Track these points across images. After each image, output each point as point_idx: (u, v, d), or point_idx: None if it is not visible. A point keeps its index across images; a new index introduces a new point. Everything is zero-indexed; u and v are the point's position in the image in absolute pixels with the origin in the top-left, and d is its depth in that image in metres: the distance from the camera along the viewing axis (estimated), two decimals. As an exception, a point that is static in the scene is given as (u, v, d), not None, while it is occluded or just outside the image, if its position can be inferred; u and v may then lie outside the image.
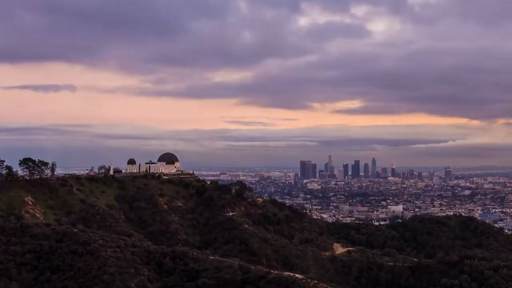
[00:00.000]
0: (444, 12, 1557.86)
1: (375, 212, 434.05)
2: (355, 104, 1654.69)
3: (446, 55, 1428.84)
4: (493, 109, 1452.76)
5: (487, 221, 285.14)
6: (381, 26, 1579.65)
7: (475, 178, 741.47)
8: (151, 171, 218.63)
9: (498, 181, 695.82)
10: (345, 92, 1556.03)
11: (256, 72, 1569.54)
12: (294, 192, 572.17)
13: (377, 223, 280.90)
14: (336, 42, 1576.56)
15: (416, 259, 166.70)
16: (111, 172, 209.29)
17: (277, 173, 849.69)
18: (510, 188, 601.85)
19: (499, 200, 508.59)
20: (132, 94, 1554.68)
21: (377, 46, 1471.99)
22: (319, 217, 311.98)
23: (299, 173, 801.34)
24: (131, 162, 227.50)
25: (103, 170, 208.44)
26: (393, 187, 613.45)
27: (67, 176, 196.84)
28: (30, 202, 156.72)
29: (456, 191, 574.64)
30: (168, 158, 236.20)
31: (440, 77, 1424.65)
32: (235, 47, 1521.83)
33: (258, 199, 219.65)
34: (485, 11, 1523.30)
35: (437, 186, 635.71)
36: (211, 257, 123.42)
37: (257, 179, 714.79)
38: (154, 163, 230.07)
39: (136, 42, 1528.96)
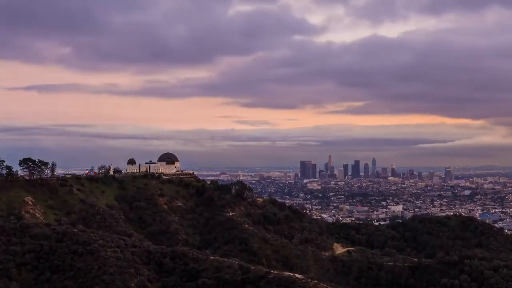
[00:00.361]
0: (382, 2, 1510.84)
1: (375, 212, 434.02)
2: (344, 105, 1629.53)
3: (401, 49, 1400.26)
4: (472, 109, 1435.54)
5: (487, 221, 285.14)
6: (318, 18, 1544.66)
7: (475, 178, 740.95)
8: (151, 171, 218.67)
9: (498, 181, 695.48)
10: (322, 91, 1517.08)
11: (214, 70, 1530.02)
12: (294, 192, 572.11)
13: (377, 223, 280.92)
14: (280, 35, 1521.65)
15: (416, 259, 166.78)
16: (111, 172, 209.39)
17: (277, 173, 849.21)
18: (510, 188, 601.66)
19: (499, 200, 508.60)
20: (92, 92, 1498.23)
21: (326, 40, 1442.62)
22: (319, 217, 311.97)
23: (299, 173, 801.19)
24: (131, 162, 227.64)
25: (103, 170, 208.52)
26: (393, 187, 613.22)
27: (67, 176, 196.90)
28: (30, 202, 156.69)
29: (456, 191, 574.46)
30: (168, 158, 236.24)
31: (410, 74, 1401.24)
32: (177, 43, 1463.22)
33: (258, 199, 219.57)
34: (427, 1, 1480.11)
35: (437, 186, 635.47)
36: (211, 257, 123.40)
37: (257, 179, 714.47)
38: (154, 163, 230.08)
39: (67, 39, 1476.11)
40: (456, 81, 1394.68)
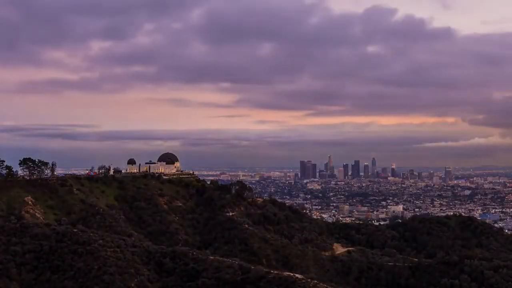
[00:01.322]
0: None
1: (375, 212, 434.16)
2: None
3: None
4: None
5: (487, 221, 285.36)
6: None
7: (475, 178, 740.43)
8: (151, 171, 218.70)
9: (498, 181, 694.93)
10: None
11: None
12: (294, 192, 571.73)
13: (377, 223, 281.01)
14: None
15: (416, 259, 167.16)
16: (111, 172, 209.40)
17: (277, 173, 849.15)
18: (510, 188, 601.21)
19: (499, 200, 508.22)
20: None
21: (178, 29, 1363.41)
22: (319, 217, 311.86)
23: (299, 173, 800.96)
24: (131, 162, 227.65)
25: (103, 170, 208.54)
26: (393, 187, 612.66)
27: (67, 176, 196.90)
28: (30, 202, 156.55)
29: (456, 191, 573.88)
30: (168, 158, 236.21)
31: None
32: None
33: (258, 199, 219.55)
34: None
35: (437, 186, 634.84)
36: (211, 257, 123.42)
37: (257, 179, 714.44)
38: (154, 163, 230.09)
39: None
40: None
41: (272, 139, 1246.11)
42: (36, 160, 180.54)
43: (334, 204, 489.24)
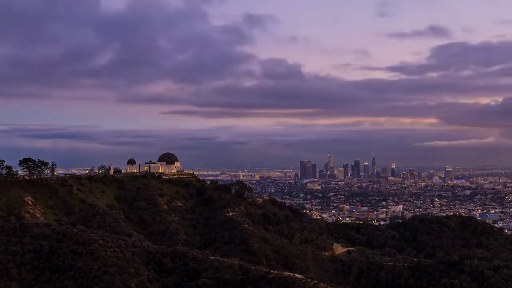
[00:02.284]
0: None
1: (375, 212, 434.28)
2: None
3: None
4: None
5: (487, 221, 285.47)
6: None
7: (475, 178, 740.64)
8: (151, 171, 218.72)
9: (498, 181, 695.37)
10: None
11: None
12: (294, 192, 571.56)
13: (377, 223, 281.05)
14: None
15: (416, 259, 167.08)
16: (111, 172, 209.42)
17: (277, 173, 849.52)
18: (510, 188, 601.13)
19: (499, 200, 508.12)
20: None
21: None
22: (319, 217, 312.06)
23: (299, 173, 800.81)
24: (131, 162, 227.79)
25: (103, 170, 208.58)
26: (393, 187, 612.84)
27: (67, 176, 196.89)
28: (30, 202, 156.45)
29: (456, 191, 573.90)
30: (168, 158, 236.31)
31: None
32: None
33: (258, 199, 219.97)
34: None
35: (437, 186, 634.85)
36: (211, 257, 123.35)
37: (257, 179, 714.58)
38: (154, 163, 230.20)
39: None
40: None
41: (273, 138, 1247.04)
42: (36, 160, 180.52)
43: (334, 204, 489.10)
